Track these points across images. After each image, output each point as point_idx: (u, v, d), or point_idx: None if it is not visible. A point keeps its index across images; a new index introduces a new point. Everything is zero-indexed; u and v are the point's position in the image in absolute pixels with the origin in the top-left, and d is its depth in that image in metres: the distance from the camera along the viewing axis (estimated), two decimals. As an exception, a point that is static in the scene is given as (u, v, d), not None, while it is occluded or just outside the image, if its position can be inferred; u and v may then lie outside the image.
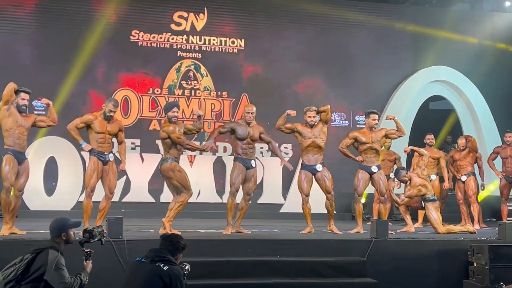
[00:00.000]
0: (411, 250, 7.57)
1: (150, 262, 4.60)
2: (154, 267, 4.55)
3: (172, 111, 7.84)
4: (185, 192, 7.83)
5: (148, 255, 4.67)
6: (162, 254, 4.67)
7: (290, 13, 13.42)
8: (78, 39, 12.19)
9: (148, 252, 4.72)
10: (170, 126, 7.76)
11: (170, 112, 7.84)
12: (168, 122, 7.85)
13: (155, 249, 4.73)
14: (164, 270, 4.52)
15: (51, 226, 4.97)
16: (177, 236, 4.95)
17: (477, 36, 14.19)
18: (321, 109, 8.52)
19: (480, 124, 13.80)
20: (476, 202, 10.53)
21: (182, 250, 4.77)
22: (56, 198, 11.28)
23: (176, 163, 7.82)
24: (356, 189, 8.78)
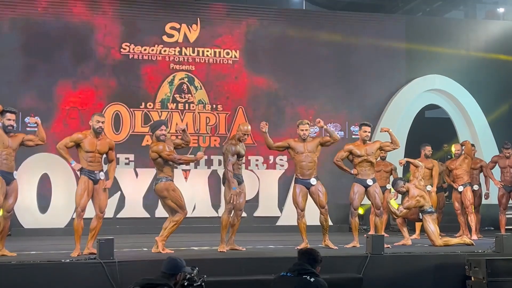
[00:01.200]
0: (408, 265, 7.47)
1: (297, 275, 4.90)
2: (302, 279, 4.86)
3: (160, 129, 7.75)
4: (180, 212, 7.74)
5: (293, 269, 4.97)
6: (305, 267, 4.98)
7: (287, 24, 13.35)
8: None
9: (292, 266, 5.03)
10: (159, 145, 7.67)
11: (158, 131, 7.75)
12: (157, 141, 7.75)
13: (298, 263, 5.04)
14: (312, 282, 4.83)
15: (168, 264, 4.89)
16: (314, 250, 5.27)
17: (471, 44, 14.17)
18: (329, 140, 8.43)
19: (476, 132, 13.76)
20: (473, 213, 10.44)
21: (320, 262, 5.10)
22: (49, 215, 11.20)
23: (170, 182, 7.72)
24: (352, 203, 8.69)
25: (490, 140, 13.77)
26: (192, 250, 8.22)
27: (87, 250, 7.41)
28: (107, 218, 9.02)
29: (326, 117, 13.19)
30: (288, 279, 4.96)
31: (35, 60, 12.04)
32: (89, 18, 12.41)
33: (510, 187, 10.21)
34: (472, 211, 10.43)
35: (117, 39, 12.53)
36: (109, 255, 6.71)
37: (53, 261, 6.77)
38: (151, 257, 7.24)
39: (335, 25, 13.63)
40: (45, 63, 12.08)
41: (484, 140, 13.72)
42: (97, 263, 6.65)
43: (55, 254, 7.47)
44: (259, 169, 12.66)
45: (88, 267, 6.68)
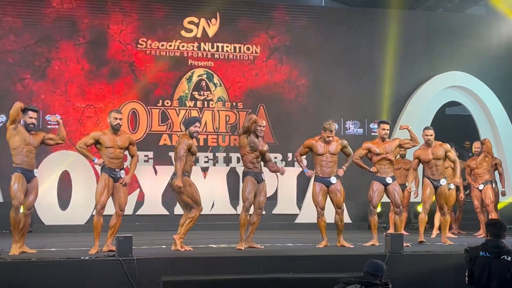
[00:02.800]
0: (427, 264, 7.41)
1: (495, 257, 5.51)
2: (502, 260, 5.49)
3: (194, 126, 7.77)
4: (195, 208, 7.74)
5: (490, 249, 5.58)
6: (501, 245, 5.61)
7: (307, 20, 13.27)
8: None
9: (485, 244, 5.60)
10: (184, 139, 7.68)
11: (192, 127, 7.76)
12: (189, 136, 7.76)
13: (493, 241, 5.64)
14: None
15: (375, 266, 5.44)
16: (500, 223, 5.86)
17: (493, 41, 13.98)
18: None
19: (498, 129, 13.60)
20: (494, 211, 10.33)
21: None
22: (70, 212, 11.26)
23: (186, 177, 7.74)
24: (371, 201, 8.64)
25: (512, 137, 13.62)
26: (211, 248, 8.24)
27: (106, 247, 7.46)
28: (126, 215, 9.04)
29: (346, 114, 13.21)
30: (489, 260, 5.58)
31: (52, 57, 12.11)
32: (105, 13, 12.39)
33: (537, 184, 10.09)
34: (493, 210, 10.32)
35: (133, 34, 12.48)
36: (127, 253, 6.76)
37: (72, 258, 6.84)
38: (170, 255, 7.27)
39: (354, 21, 13.52)
40: (61, 61, 12.13)
41: (505, 137, 13.56)
42: (115, 260, 6.70)
43: (75, 251, 7.53)
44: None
45: (106, 265, 6.73)
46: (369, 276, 5.45)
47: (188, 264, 7.02)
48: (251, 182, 8.00)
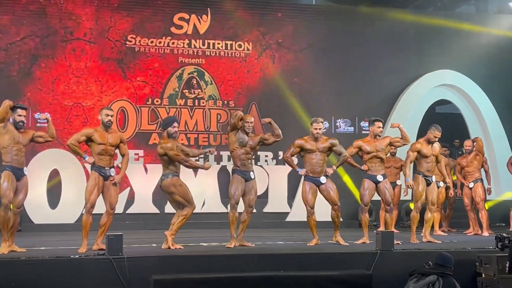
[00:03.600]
0: (418, 261, 7.38)
1: None
2: None
3: (172, 126, 7.75)
4: (188, 206, 7.73)
5: None
6: None
7: (299, 18, 13.25)
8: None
9: None
10: (168, 142, 7.67)
11: (170, 128, 7.74)
12: (167, 138, 7.74)
13: None
14: None
15: (444, 258, 6.54)
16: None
17: (482, 39, 14.04)
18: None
19: (487, 127, 13.69)
20: (484, 209, 10.37)
21: None
22: (60, 211, 11.21)
23: (176, 177, 7.72)
24: (362, 199, 8.64)
25: (502, 136, 13.69)
26: (201, 246, 8.23)
27: (96, 246, 7.43)
28: (117, 214, 8.99)
29: (336, 112, 13.23)
30: None
31: (39, 54, 12.02)
32: (93, 9, 12.30)
33: (528, 182, 10.14)
34: (483, 207, 10.37)
35: (122, 31, 12.41)
36: (118, 251, 6.73)
37: (62, 257, 6.80)
38: (160, 253, 7.25)
39: (346, 20, 13.54)
40: (48, 58, 12.05)
41: (495, 135, 13.66)
42: (106, 259, 6.68)
43: (64, 250, 7.50)
44: (269, 164, 12.62)
45: (97, 263, 6.71)
46: (440, 267, 6.35)
47: (178, 262, 7.00)
48: (237, 180, 8.01)
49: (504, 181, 12.60)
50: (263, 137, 8.28)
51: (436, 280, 6.36)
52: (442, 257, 6.60)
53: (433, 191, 8.91)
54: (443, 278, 6.37)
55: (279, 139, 8.33)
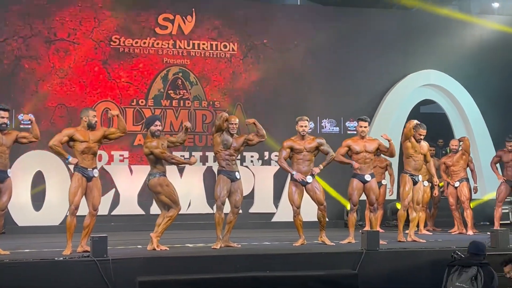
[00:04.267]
0: (403, 261, 7.46)
1: None
2: None
3: (155, 125, 7.72)
4: (173, 207, 7.71)
5: None
6: None
7: (284, 18, 13.26)
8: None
9: None
10: (153, 141, 7.64)
11: (152, 126, 7.72)
12: (151, 137, 7.72)
13: None
14: None
15: (477, 246, 6.46)
16: None
17: (466, 39, 14.14)
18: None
19: (471, 127, 13.77)
20: (469, 208, 10.45)
21: None
22: (44, 213, 11.13)
23: (164, 177, 7.70)
24: (351, 199, 8.66)
25: (485, 135, 13.78)
26: (187, 247, 8.20)
27: (80, 248, 7.38)
28: (102, 215, 8.98)
29: (322, 112, 13.25)
30: None
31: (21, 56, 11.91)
32: (77, 9, 12.18)
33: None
34: (469, 207, 10.45)
35: (106, 32, 12.31)
36: (102, 253, 6.70)
37: (46, 259, 6.75)
38: (145, 255, 7.22)
39: (330, 20, 13.56)
40: (31, 59, 11.95)
41: (479, 135, 13.74)
42: (90, 261, 6.64)
43: (49, 252, 7.42)
44: (254, 165, 12.60)
45: (81, 265, 6.67)
46: (475, 256, 6.33)
47: (164, 264, 6.98)
48: (223, 180, 8.00)
49: (488, 181, 12.68)
50: (247, 137, 8.27)
51: (477, 273, 6.28)
52: (475, 245, 6.49)
53: (419, 190, 8.95)
54: (483, 268, 6.30)
55: (263, 140, 8.34)
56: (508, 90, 14.36)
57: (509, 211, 12.21)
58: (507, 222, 11.84)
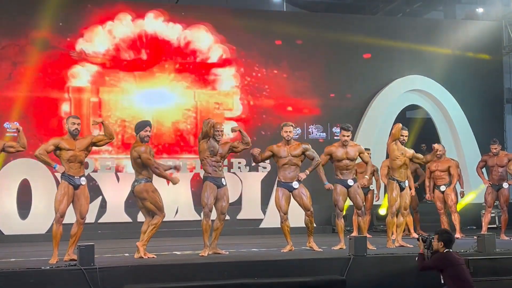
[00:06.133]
0: (391, 266, 7.47)
1: None
2: None
3: (145, 130, 7.68)
4: (158, 214, 7.67)
5: None
6: None
7: (269, 24, 13.32)
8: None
9: None
10: (142, 146, 7.62)
11: (142, 132, 7.68)
12: (140, 141, 7.69)
13: None
14: None
15: None
16: None
17: (451, 45, 14.26)
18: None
19: (457, 132, 13.85)
20: (456, 212, 10.49)
21: None
22: (30, 221, 11.05)
23: (150, 183, 7.68)
24: (336, 204, 8.65)
25: (471, 140, 13.87)
26: (175, 255, 8.17)
27: (67, 256, 7.32)
28: (88, 223, 8.90)
29: (308, 118, 13.29)
30: None
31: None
32: (66, 20, 12.22)
33: (497, 186, 10.25)
34: (456, 211, 10.48)
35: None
36: (89, 262, 6.65)
37: (33, 269, 6.68)
38: (133, 263, 7.17)
39: (316, 26, 13.61)
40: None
41: (464, 140, 13.82)
42: (77, 269, 6.59)
43: (35, 261, 7.38)
44: (242, 171, 12.61)
45: (68, 274, 6.61)
46: None
47: (151, 271, 6.94)
48: (209, 187, 7.97)
49: (474, 185, 12.76)
50: (232, 145, 8.27)
51: None
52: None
53: (406, 196, 8.98)
54: None
55: (248, 147, 8.34)
56: (493, 95, 14.51)
57: (495, 215, 12.27)
58: (493, 226, 11.89)
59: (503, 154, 10.39)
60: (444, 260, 6.33)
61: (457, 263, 6.33)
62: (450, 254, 6.37)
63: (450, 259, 6.32)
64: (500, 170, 10.23)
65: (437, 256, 6.43)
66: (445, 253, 6.38)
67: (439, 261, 6.37)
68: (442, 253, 6.39)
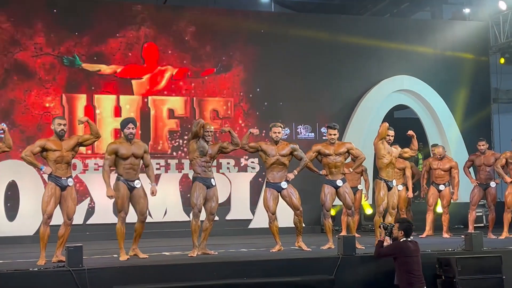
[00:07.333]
0: (379, 265, 7.48)
1: None
2: None
3: (127, 128, 7.64)
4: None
5: None
6: None
7: (257, 24, 13.34)
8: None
9: None
10: (116, 143, 7.67)
11: (125, 129, 7.65)
12: (125, 139, 7.67)
13: None
14: None
15: None
16: None
17: (438, 45, 14.34)
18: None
19: (444, 132, 13.93)
20: (448, 213, 10.57)
21: None
22: (18, 223, 10.99)
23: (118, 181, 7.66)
24: (324, 205, 8.66)
25: (459, 140, 13.95)
26: (164, 256, 8.15)
27: (55, 258, 7.28)
28: (77, 225, 8.90)
29: (297, 118, 13.31)
30: None
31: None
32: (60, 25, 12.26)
33: (485, 185, 10.32)
34: (448, 211, 10.58)
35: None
36: (78, 263, 6.61)
37: (21, 270, 6.63)
38: (121, 264, 7.16)
39: (304, 27, 13.64)
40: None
41: (452, 140, 13.91)
42: (66, 271, 6.55)
43: (23, 262, 7.34)
44: (231, 172, 12.61)
45: (56, 275, 6.57)
46: None
47: (140, 272, 6.92)
48: (198, 187, 7.95)
49: (461, 185, 12.80)
50: (222, 145, 8.26)
51: None
52: None
53: (394, 195, 9.01)
54: None
55: (237, 148, 8.35)
56: (480, 95, 14.61)
57: (482, 214, 12.36)
58: (481, 225, 11.98)
59: (490, 154, 10.48)
60: (398, 249, 6.72)
61: (409, 254, 6.68)
62: (405, 243, 6.72)
63: (403, 248, 6.68)
64: (488, 170, 10.31)
65: (393, 244, 6.83)
66: (401, 242, 6.74)
67: (393, 250, 6.78)
68: (398, 242, 6.76)
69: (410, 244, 6.74)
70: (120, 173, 7.65)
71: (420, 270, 6.74)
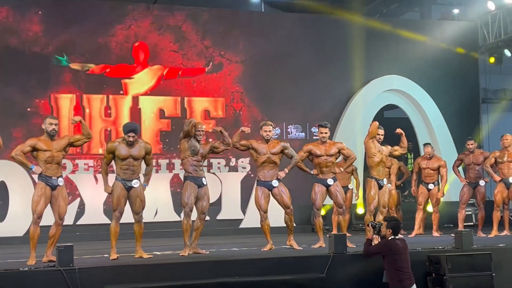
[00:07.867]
0: (370, 263, 7.50)
1: None
2: None
3: (128, 136, 7.59)
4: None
5: None
6: None
7: (246, 24, 13.34)
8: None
9: None
10: (113, 143, 7.67)
11: (126, 136, 7.62)
12: (126, 144, 7.64)
13: None
14: None
15: None
16: None
17: (427, 45, 14.40)
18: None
19: (434, 131, 14.00)
20: (438, 212, 10.62)
21: None
22: (7, 223, 10.93)
23: (116, 182, 7.66)
24: (314, 203, 8.68)
25: (448, 139, 14.03)
26: (155, 255, 8.12)
27: (46, 257, 7.25)
28: (67, 225, 8.86)
29: (287, 118, 13.33)
30: None
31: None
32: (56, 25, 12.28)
33: (474, 184, 10.37)
34: (438, 210, 10.63)
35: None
36: (68, 262, 6.59)
37: (11, 270, 6.60)
38: (112, 263, 7.14)
39: (293, 27, 13.68)
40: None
41: (441, 139, 13.98)
42: (56, 270, 6.52)
43: (13, 263, 7.30)
44: (222, 171, 12.61)
45: (47, 275, 6.55)
46: None
47: (131, 272, 6.91)
48: (190, 186, 7.94)
49: (451, 184, 12.89)
50: (213, 145, 8.27)
51: None
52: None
53: (385, 194, 9.04)
54: None
55: (229, 148, 8.37)
56: (469, 95, 14.69)
57: (472, 213, 12.43)
58: (471, 224, 12.04)
59: (479, 152, 10.55)
60: (386, 247, 6.78)
61: (398, 251, 6.75)
62: (393, 241, 6.78)
63: (391, 247, 6.74)
64: (477, 168, 10.38)
65: (381, 242, 6.89)
66: (389, 240, 6.80)
67: (382, 248, 6.84)
68: (386, 240, 6.82)
69: (398, 242, 6.80)
70: (117, 173, 7.65)
71: (409, 267, 6.79)
